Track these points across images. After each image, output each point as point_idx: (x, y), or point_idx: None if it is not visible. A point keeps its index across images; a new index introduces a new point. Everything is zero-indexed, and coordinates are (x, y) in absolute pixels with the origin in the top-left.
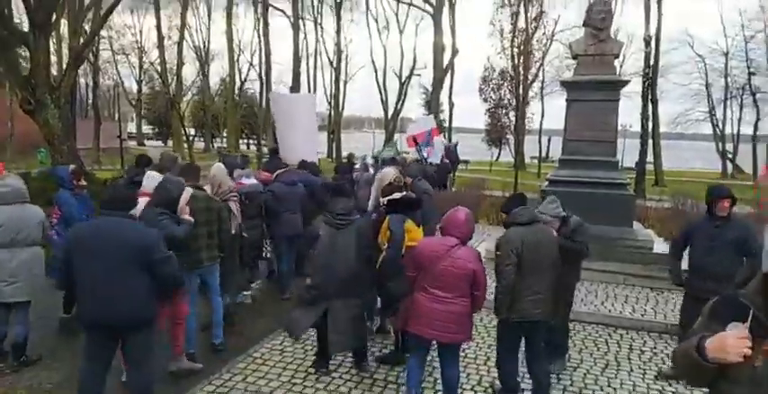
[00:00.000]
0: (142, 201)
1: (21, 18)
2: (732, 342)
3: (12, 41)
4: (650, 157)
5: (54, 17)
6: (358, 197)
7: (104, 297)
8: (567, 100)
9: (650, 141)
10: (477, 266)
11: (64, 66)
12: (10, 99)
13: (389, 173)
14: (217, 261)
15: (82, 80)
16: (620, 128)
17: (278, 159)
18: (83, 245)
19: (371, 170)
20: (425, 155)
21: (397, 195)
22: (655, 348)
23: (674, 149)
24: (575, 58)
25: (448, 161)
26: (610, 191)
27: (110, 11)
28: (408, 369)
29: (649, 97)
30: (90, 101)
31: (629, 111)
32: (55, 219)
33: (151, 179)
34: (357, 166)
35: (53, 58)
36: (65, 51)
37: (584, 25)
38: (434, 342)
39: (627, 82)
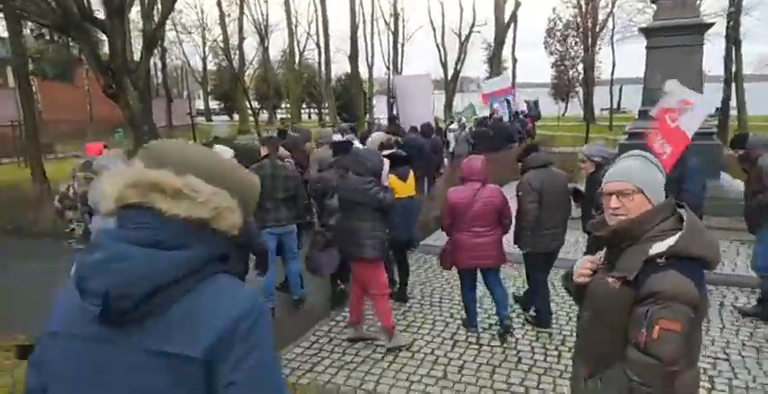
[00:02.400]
0: None
1: (98, 7)
2: (579, 265)
3: (91, 30)
4: (733, 102)
5: (127, 2)
6: (456, 153)
7: None
8: (647, 47)
9: (733, 85)
10: (502, 199)
11: (135, 49)
12: (87, 85)
13: (378, 136)
14: (295, 223)
15: (151, 61)
16: None
17: (396, 125)
18: None
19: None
20: (493, 112)
21: (386, 152)
22: (748, 304)
23: (759, 93)
24: (654, 1)
25: (527, 117)
26: (696, 141)
27: None
28: (466, 302)
29: (733, 38)
30: (160, 81)
31: (708, 54)
32: None
33: (221, 152)
34: (453, 127)
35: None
36: (134, 35)
37: None
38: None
39: (711, 24)
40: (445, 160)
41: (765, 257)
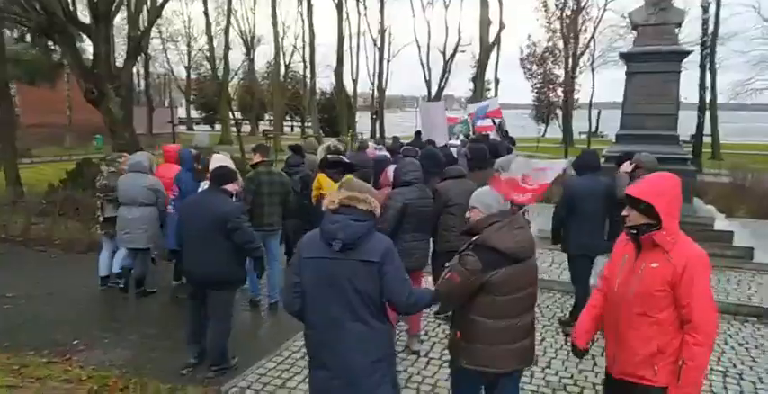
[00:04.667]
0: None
1: (83, 11)
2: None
3: (75, 34)
4: (707, 129)
5: (114, 8)
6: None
7: (194, 257)
8: (626, 72)
9: (707, 112)
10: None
11: (118, 56)
12: (68, 89)
13: (326, 143)
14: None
15: (134, 68)
16: None
17: (419, 139)
18: (185, 213)
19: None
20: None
21: (330, 157)
22: (728, 331)
23: (732, 120)
24: (634, 28)
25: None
26: (669, 166)
27: (165, 1)
28: None
29: (707, 66)
30: (142, 88)
31: (684, 81)
32: (173, 196)
33: (217, 162)
34: (454, 142)
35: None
36: (117, 41)
37: None
38: None
39: (690, 52)
40: None
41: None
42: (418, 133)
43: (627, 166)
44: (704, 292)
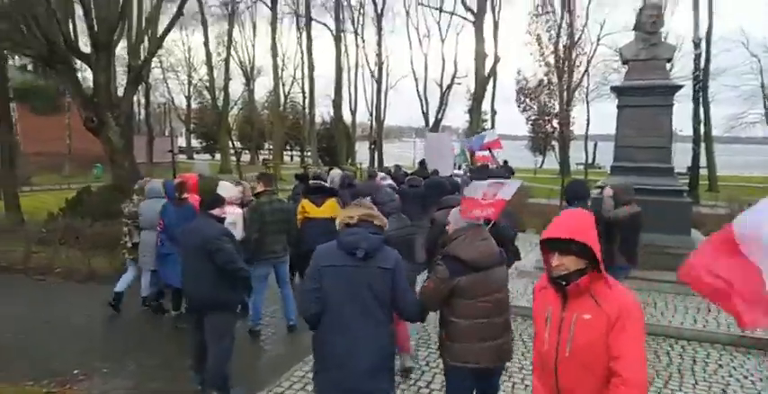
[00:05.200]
0: (230, 209)
1: (84, 41)
2: None
3: (75, 63)
4: (703, 162)
5: (115, 38)
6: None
7: (189, 281)
8: (618, 106)
9: (703, 145)
10: None
11: (119, 85)
12: (68, 118)
13: (338, 171)
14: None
15: (135, 97)
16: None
17: (424, 168)
18: (182, 240)
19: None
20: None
21: (312, 182)
22: (720, 360)
23: (728, 153)
24: (625, 63)
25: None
26: (665, 198)
27: (166, 32)
28: None
29: (701, 100)
30: (143, 117)
31: (679, 115)
32: (159, 229)
33: (224, 189)
34: (458, 172)
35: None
36: (117, 70)
37: (634, 29)
38: None
39: (680, 86)
40: None
41: None
42: (422, 162)
43: (609, 191)
44: (637, 346)
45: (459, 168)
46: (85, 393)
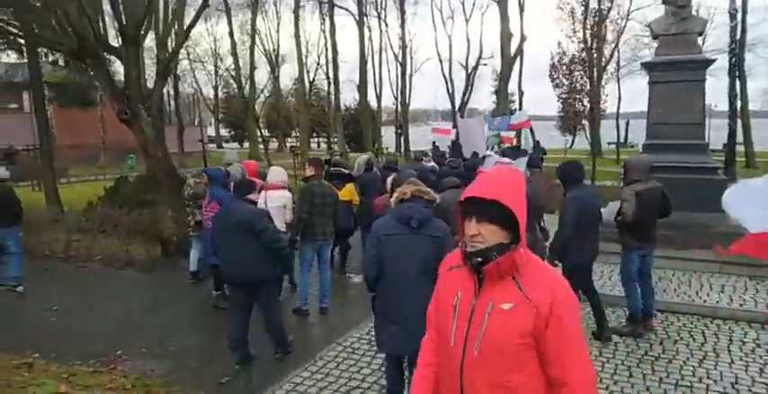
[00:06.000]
0: (279, 193)
1: (115, 35)
2: None
3: (106, 57)
4: (740, 138)
5: (143, 32)
6: None
7: (231, 261)
8: (649, 82)
9: (739, 121)
10: None
11: (148, 77)
12: (100, 110)
13: (364, 157)
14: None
15: (164, 89)
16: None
17: (459, 152)
18: (219, 224)
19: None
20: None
21: (331, 170)
22: (758, 339)
23: (766, 128)
24: (655, 38)
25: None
26: (699, 175)
27: (192, 24)
28: None
29: (736, 74)
30: (172, 108)
31: (713, 89)
32: (211, 213)
33: (275, 173)
34: (492, 153)
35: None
36: (146, 63)
37: (664, 3)
38: None
39: (713, 61)
40: None
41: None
42: (454, 143)
43: (627, 195)
44: (579, 343)
45: (493, 150)
46: (129, 373)
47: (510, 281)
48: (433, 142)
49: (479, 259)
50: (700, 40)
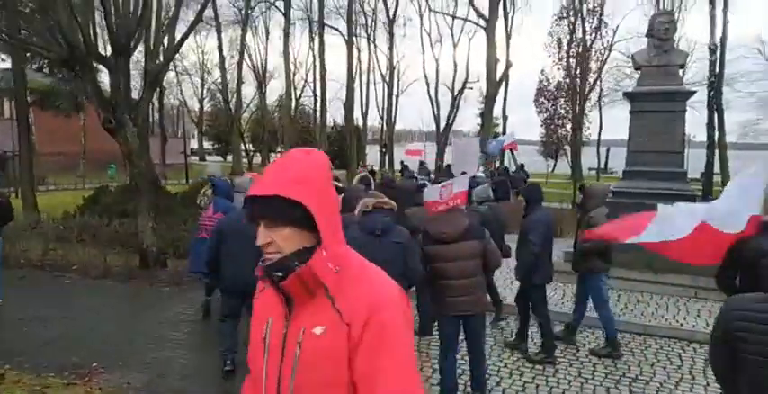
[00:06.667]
0: None
1: (103, 44)
2: None
3: (95, 66)
4: (717, 168)
5: (133, 43)
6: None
7: (240, 269)
8: (630, 111)
9: (716, 151)
10: None
11: (133, 88)
12: (83, 119)
13: (360, 174)
14: None
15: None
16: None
17: (449, 172)
18: (228, 230)
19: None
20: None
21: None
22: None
23: (741, 160)
24: (637, 68)
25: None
26: (677, 202)
27: (184, 38)
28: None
29: (715, 106)
30: (156, 119)
31: (692, 121)
32: (210, 224)
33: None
34: (479, 174)
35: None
36: (132, 73)
37: (647, 36)
38: None
39: (693, 93)
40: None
41: (598, 298)
42: (449, 166)
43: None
44: (403, 365)
45: (480, 171)
46: (105, 385)
47: (323, 295)
48: (402, 162)
49: (279, 273)
50: (680, 72)
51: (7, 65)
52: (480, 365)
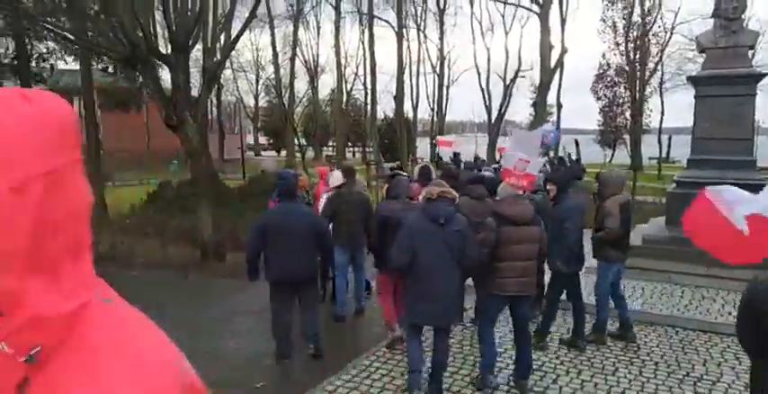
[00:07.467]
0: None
1: (164, 43)
2: None
3: (156, 64)
4: None
5: (192, 41)
6: None
7: (291, 260)
8: (695, 96)
9: None
10: None
11: (192, 85)
12: (146, 116)
13: (420, 164)
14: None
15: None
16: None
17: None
18: (278, 224)
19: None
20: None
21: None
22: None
23: None
24: (702, 51)
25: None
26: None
27: (240, 34)
28: None
29: None
30: (214, 116)
31: (763, 106)
32: None
33: (334, 178)
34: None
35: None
36: (191, 71)
37: (713, 16)
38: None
39: (764, 75)
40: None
41: (603, 285)
42: (476, 159)
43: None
44: None
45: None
46: None
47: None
48: (437, 153)
49: None
50: (750, 53)
51: (70, 66)
52: (528, 350)
